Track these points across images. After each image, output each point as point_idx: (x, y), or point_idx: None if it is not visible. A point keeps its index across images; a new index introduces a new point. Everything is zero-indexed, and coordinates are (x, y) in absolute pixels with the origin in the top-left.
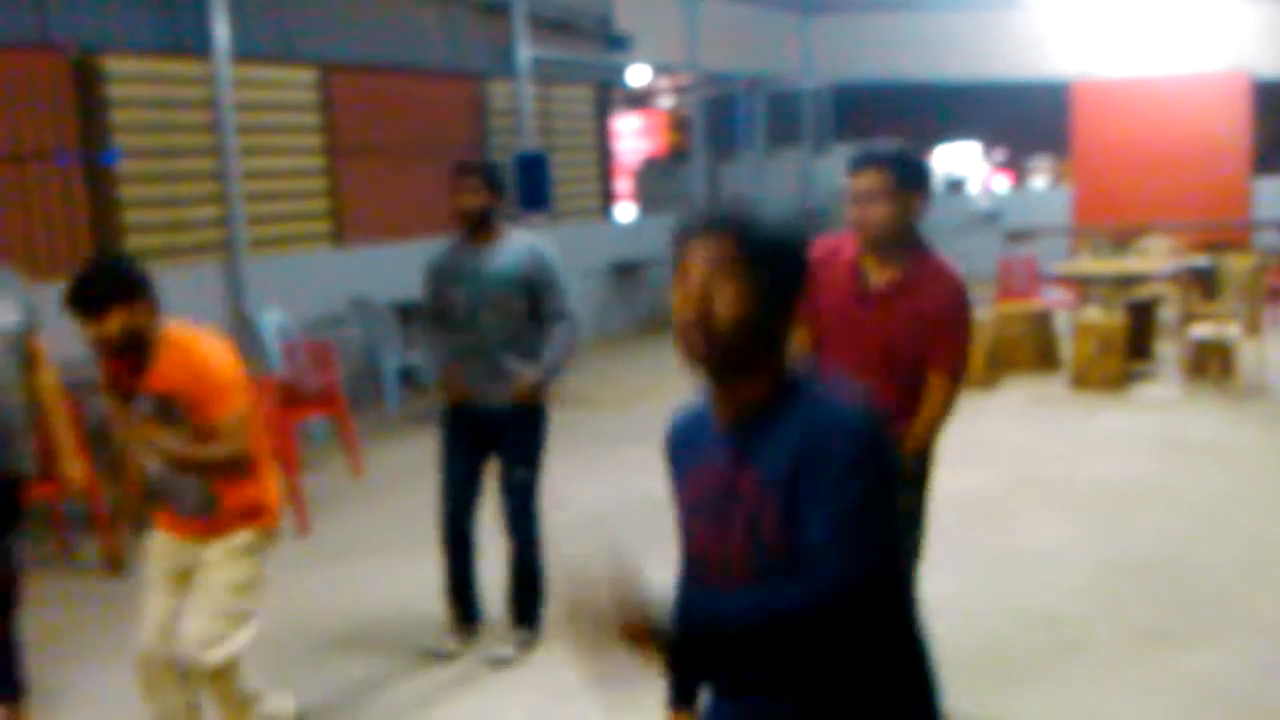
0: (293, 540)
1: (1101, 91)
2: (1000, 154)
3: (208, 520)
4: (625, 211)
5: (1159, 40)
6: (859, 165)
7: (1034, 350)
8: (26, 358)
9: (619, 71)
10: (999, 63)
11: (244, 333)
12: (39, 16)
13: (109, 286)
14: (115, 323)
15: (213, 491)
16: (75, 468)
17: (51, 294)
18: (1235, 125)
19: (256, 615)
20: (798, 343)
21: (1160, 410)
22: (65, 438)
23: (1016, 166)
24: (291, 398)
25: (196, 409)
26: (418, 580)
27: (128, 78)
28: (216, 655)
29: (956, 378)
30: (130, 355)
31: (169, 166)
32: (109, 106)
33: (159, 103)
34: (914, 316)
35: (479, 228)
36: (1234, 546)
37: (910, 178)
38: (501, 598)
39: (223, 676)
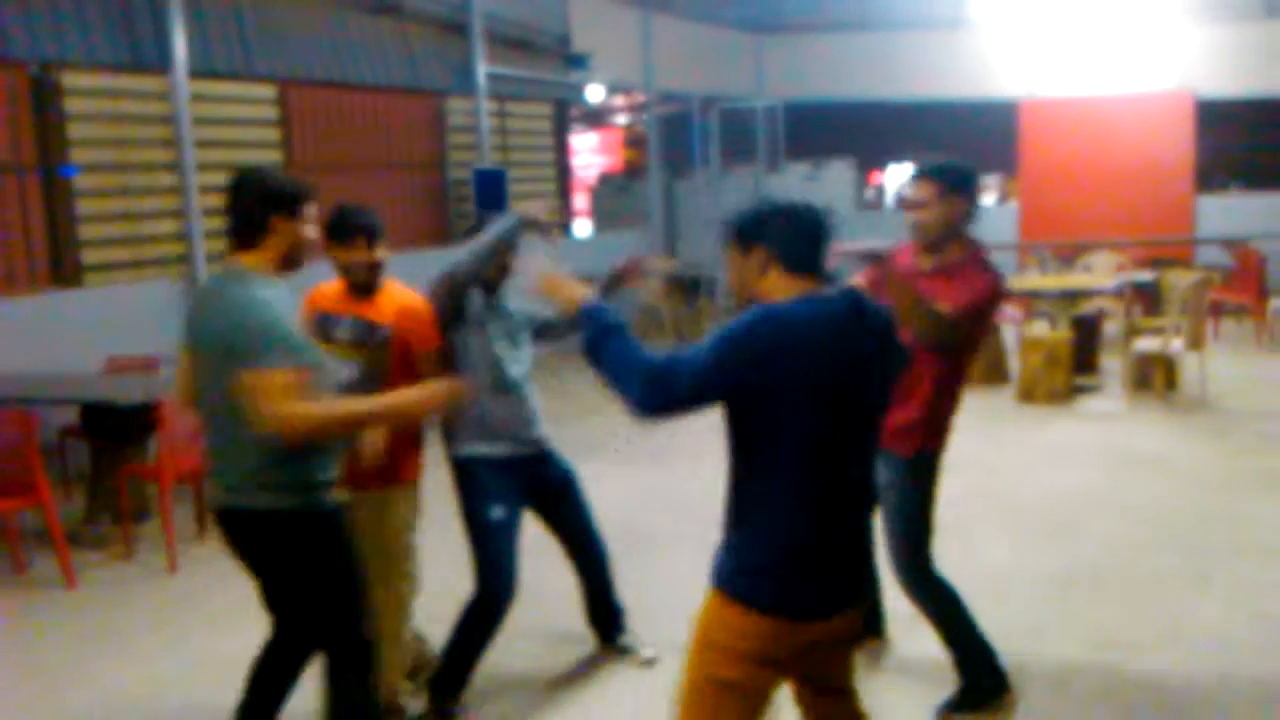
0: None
1: (1048, 110)
2: None
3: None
4: (582, 228)
5: (1105, 61)
6: (914, 177)
7: (983, 364)
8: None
9: (576, 89)
10: (948, 82)
11: None
12: None
13: (375, 224)
14: (378, 252)
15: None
16: None
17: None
18: (1179, 144)
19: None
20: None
21: (1105, 423)
22: None
23: None
24: None
25: (405, 339)
26: None
27: (86, 92)
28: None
29: (955, 318)
30: (363, 288)
31: (127, 181)
32: (67, 121)
33: (117, 118)
34: (945, 294)
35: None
36: (1178, 556)
37: (953, 185)
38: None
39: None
